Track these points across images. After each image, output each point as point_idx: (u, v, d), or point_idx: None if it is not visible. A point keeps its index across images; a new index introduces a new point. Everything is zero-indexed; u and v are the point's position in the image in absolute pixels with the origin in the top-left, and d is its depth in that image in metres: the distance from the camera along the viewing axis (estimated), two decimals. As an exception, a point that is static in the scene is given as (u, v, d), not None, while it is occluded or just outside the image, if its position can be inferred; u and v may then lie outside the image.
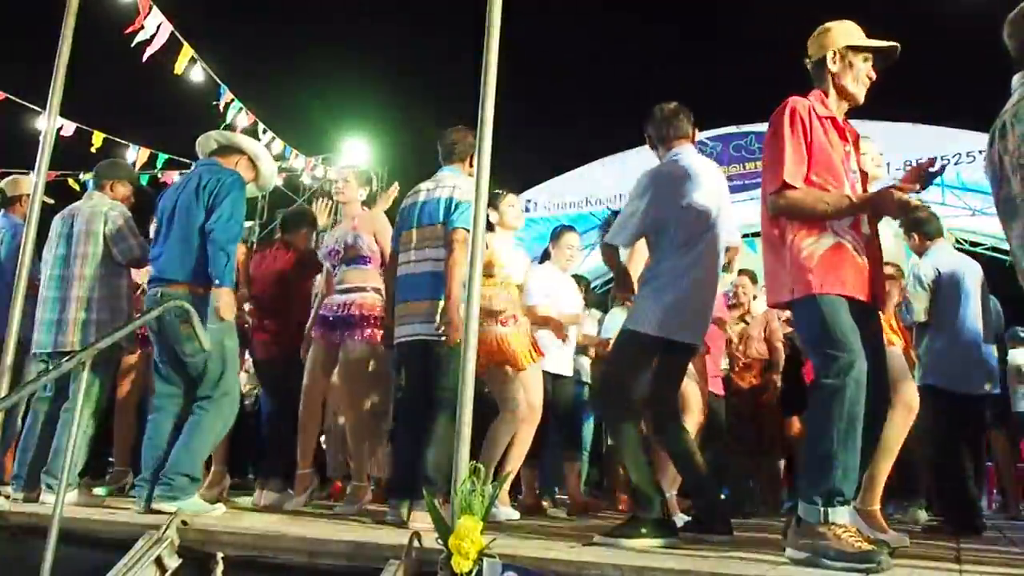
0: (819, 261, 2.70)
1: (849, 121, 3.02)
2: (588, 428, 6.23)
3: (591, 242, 11.05)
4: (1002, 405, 5.82)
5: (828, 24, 2.99)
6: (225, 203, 3.83)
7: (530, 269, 5.16)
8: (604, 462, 6.70)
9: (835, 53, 2.93)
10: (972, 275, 4.74)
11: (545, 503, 5.50)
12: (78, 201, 4.64)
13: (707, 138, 12.61)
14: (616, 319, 5.12)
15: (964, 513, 4.52)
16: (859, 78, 2.95)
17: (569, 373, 5.45)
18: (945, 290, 4.63)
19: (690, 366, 3.93)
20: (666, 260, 3.40)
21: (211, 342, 3.69)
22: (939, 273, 4.64)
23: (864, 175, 3.12)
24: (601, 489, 6.86)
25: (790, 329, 5.79)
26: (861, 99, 2.97)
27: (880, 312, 2.97)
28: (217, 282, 3.78)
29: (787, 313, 5.48)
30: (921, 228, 4.83)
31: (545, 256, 5.64)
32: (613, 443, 3.34)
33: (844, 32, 2.95)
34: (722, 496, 4.80)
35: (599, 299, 7.11)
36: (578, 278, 6.09)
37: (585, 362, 6.07)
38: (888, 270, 3.86)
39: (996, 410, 5.89)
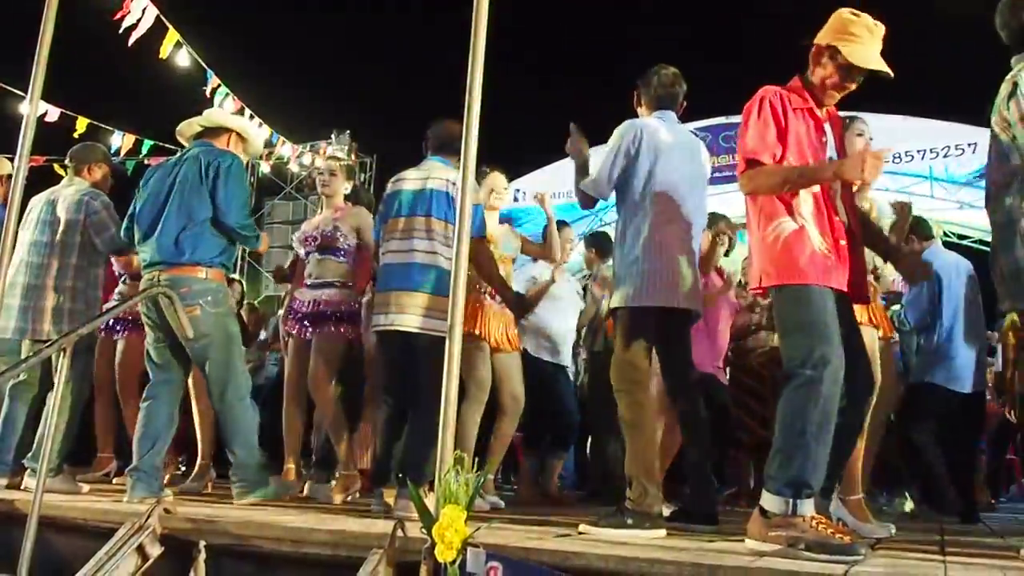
0: (785, 245, 2.69)
1: (838, 111, 3.01)
2: None
3: (579, 232, 11.02)
4: None
5: (841, 11, 2.82)
6: (233, 190, 3.87)
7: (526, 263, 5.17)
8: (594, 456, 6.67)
9: (822, 47, 2.81)
10: (966, 275, 4.81)
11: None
12: (57, 185, 4.60)
13: (696, 129, 12.58)
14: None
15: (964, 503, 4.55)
16: (825, 82, 2.82)
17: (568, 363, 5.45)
18: (943, 291, 4.67)
19: None
20: (631, 224, 3.39)
21: (214, 327, 3.77)
22: (938, 275, 4.67)
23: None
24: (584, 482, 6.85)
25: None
26: (825, 102, 2.87)
27: (860, 303, 2.98)
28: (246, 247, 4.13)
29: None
30: (916, 231, 4.85)
31: None
32: (624, 426, 3.31)
33: (838, 29, 2.79)
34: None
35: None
36: None
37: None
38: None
39: None
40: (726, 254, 4.92)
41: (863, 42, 2.77)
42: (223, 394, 3.80)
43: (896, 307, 5.44)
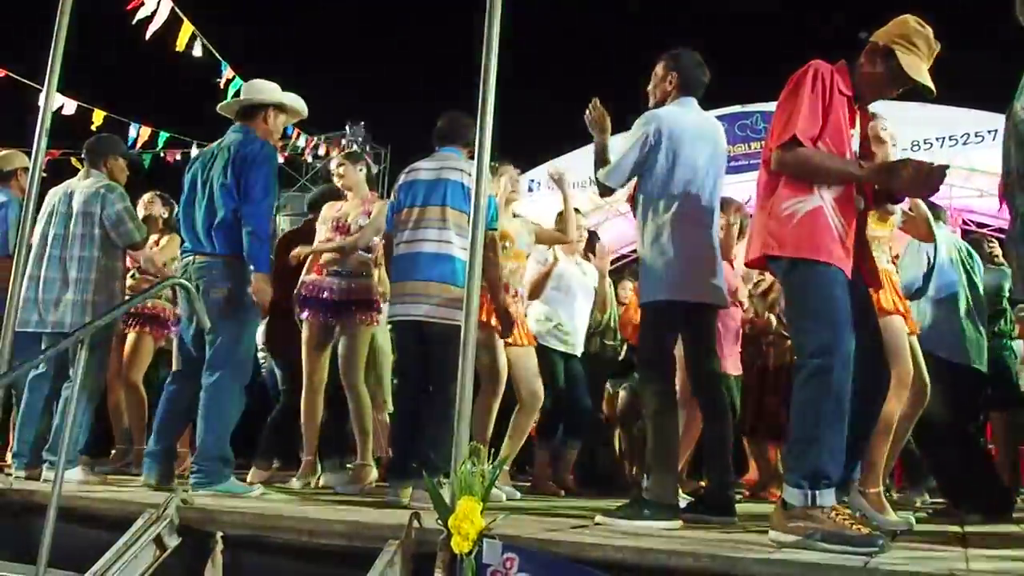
0: (800, 223, 2.64)
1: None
2: None
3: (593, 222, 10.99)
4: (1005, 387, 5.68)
5: (907, 17, 2.81)
6: (255, 181, 3.82)
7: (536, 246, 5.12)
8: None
9: (879, 46, 2.78)
10: (968, 255, 4.75)
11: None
12: (74, 177, 4.62)
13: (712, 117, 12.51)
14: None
15: (988, 492, 4.45)
16: (871, 80, 2.82)
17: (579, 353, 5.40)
18: (941, 262, 4.62)
19: None
20: (654, 217, 3.35)
21: (236, 307, 3.78)
22: (935, 244, 4.63)
23: (873, 154, 3.07)
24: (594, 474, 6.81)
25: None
26: (863, 101, 2.87)
27: (871, 289, 2.95)
28: (252, 267, 3.80)
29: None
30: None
31: None
32: (647, 416, 3.31)
33: (902, 34, 2.77)
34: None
35: None
36: None
37: None
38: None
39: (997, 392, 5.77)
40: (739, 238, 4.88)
41: (920, 56, 2.77)
42: (216, 382, 3.77)
43: None
